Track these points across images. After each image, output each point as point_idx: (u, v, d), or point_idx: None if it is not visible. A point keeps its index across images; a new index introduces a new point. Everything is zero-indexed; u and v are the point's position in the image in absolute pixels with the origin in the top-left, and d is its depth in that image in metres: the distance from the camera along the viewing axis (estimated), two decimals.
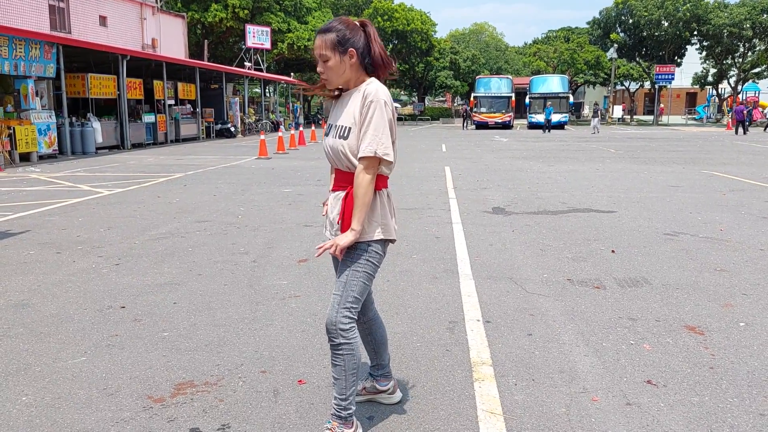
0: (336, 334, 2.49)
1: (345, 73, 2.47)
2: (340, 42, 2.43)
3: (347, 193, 2.50)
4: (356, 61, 2.46)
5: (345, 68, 2.46)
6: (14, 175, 13.32)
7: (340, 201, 2.54)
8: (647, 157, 17.73)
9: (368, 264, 2.54)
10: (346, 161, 2.48)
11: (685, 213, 8.20)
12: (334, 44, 2.43)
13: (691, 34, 52.69)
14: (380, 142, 2.39)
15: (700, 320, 4.08)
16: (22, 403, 2.96)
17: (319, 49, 2.45)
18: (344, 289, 2.51)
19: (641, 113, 70.76)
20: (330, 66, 2.45)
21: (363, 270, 2.53)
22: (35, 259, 5.79)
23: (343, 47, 2.43)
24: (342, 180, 2.55)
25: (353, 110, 2.47)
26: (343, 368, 2.51)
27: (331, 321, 2.50)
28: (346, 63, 2.45)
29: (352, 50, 2.44)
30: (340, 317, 2.49)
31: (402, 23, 53.31)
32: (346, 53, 2.44)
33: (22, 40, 16.28)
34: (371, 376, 2.94)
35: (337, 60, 2.44)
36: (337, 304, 2.51)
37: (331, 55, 2.43)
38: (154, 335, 3.83)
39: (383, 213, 2.55)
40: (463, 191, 10.44)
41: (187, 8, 39.97)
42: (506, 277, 5.10)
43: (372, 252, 2.54)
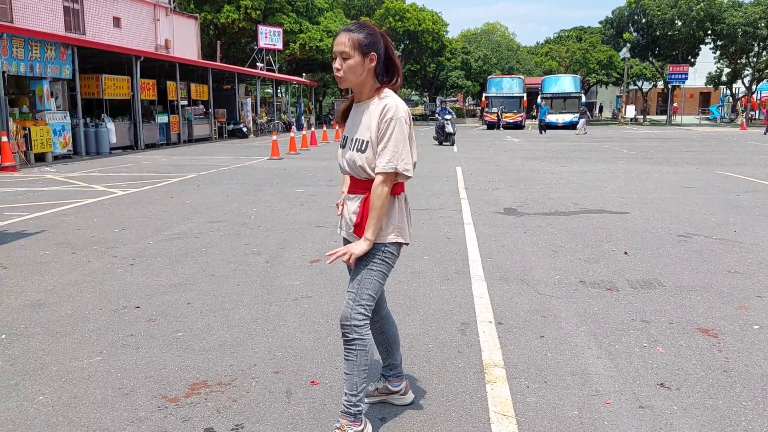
0: (350, 330, 2.55)
1: (362, 75, 2.49)
2: (365, 44, 2.46)
3: (366, 197, 2.56)
4: (374, 67, 2.50)
5: (363, 71, 2.48)
6: (30, 176, 13.46)
7: (358, 201, 2.60)
8: (660, 158, 17.62)
9: (383, 264, 2.60)
10: (364, 174, 2.55)
11: (698, 214, 8.14)
12: (360, 44, 2.45)
13: (704, 33, 52.27)
14: (400, 158, 2.46)
15: (714, 323, 4.06)
16: (39, 402, 3.01)
17: (342, 46, 2.45)
18: (359, 286, 2.57)
19: (654, 113, 70.27)
20: (351, 65, 2.46)
21: (378, 269, 2.58)
22: (51, 259, 5.86)
23: (367, 50, 2.46)
24: (359, 186, 2.61)
25: (369, 123, 2.51)
26: (355, 363, 2.56)
27: (345, 317, 2.56)
28: (366, 66, 2.48)
29: (374, 54, 2.48)
30: (354, 313, 2.55)
31: (413, 23, 53.28)
32: (368, 56, 2.47)
33: (38, 42, 16.46)
34: (383, 377, 2.97)
35: (359, 61, 2.46)
36: (351, 300, 2.57)
37: (353, 54, 2.45)
38: (168, 335, 3.87)
39: (400, 217, 2.61)
40: (475, 192, 10.43)
41: (200, 9, 40.19)
42: (518, 279, 5.10)
43: (387, 252, 2.60)
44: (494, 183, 11.69)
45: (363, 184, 2.58)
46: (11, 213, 8.43)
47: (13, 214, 8.37)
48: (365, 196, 2.56)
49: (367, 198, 2.54)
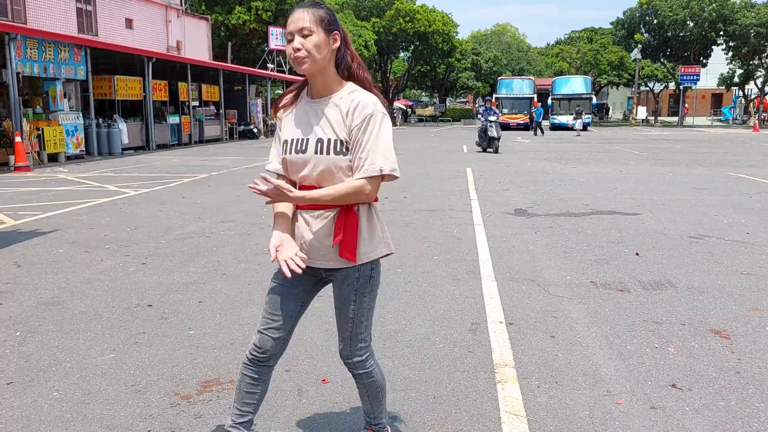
0: (354, 367, 2.34)
1: (325, 57, 2.10)
2: (328, 20, 2.10)
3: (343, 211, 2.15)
4: (337, 49, 2.14)
5: (327, 52, 2.10)
6: (43, 175, 13.58)
7: (329, 218, 2.17)
8: (672, 159, 17.52)
9: (374, 288, 2.29)
10: (343, 177, 2.14)
11: (710, 216, 8.10)
12: (323, 20, 2.09)
13: (716, 34, 51.91)
14: (387, 158, 2.11)
15: (726, 324, 4.04)
16: (53, 398, 3.04)
17: (300, 22, 2.07)
18: (352, 325, 2.28)
19: (666, 114, 69.88)
20: (315, 42, 2.06)
21: (368, 298, 2.27)
22: (64, 257, 5.92)
23: (330, 27, 2.10)
24: None
25: (340, 119, 2.13)
26: (368, 393, 2.41)
27: (346, 356, 2.33)
28: (329, 46, 2.10)
29: (337, 33, 2.12)
30: (354, 351, 2.31)
31: (423, 24, 53.29)
32: (331, 34, 2.10)
33: (52, 43, 16.60)
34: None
35: (322, 38, 2.08)
36: (349, 339, 2.29)
37: (316, 31, 2.07)
38: (180, 333, 3.90)
39: (382, 228, 2.26)
40: (485, 192, 10.41)
41: (212, 11, 40.37)
42: (529, 279, 5.09)
43: (376, 271, 2.28)
44: (504, 184, 11.67)
45: None
46: (25, 212, 8.51)
47: (27, 213, 8.45)
48: (340, 210, 2.15)
49: (348, 213, 2.15)
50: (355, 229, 2.16)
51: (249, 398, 2.34)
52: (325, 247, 2.18)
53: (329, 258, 2.19)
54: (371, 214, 2.22)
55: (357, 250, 2.18)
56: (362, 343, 2.31)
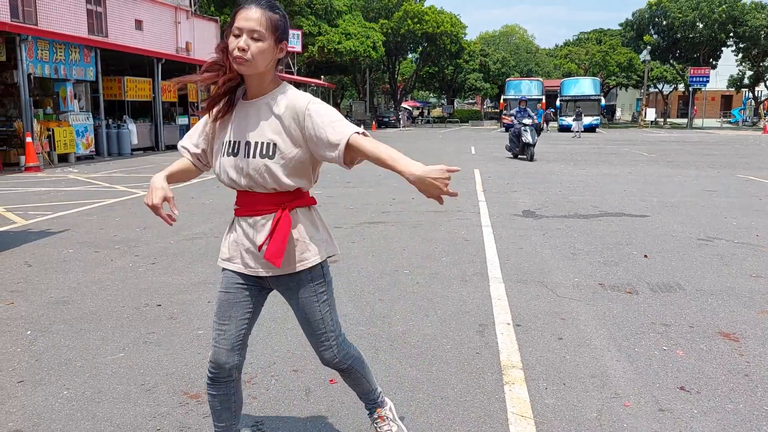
0: (340, 364, 2.33)
1: (269, 64, 2.06)
2: (281, 29, 2.04)
3: (279, 216, 2.11)
4: (281, 58, 2.10)
5: (271, 59, 2.05)
6: (53, 176, 13.68)
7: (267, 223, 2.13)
8: (681, 161, 17.44)
9: (329, 286, 2.27)
10: (272, 182, 2.09)
11: (719, 218, 8.06)
12: (276, 27, 2.02)
13: (726, 35, 51.65)
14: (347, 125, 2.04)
15: (735, 327, 4.02)
16: (63, 397, 3.06)
17: (254, 23, 1.98)
18: (324, 325, 2.25)
19: (675, 116, 69.57)
20: (263, 48, 1.99)
21: (328, 295, 2.26)
22: (74, 257, 5.96)
23: (281, 36, 2.05)
24: (266, 202, 2.13)
25: (277, 123, 2.08)
26: (363, 377, 2.44)
27: (330, 359, 2.30)
28: (275, 54, 2.05)
29: (285, 43, 2.07)
30: (335, 352, 2.29)
31: (432, 26, 53.29)
32: (280, 43, 2.05)
33: (62, 44, 16.73)
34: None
35: (270, 46, 2.01)
36: (326, 340, 2.27)
37: (267, 36, 2.00)
38: (189, 333, 3.92)
39: (324, 228, 2.26)
40: (493, 194, 10.41)
41: (221, 12, 40.53)
42: (537, 281, 5.09)
43: (327, 271, 2.27)
44: (512, 185, 11.65)
45: (271, 199, 2.13)
46: (36, 212, 8.58)
47: (38, 213, 8.51)
48: (277, 214, 2.11)
49: (281, 217, 2.11)
50: (285, 233, 2.10)
51: (226, 413, 2.29)
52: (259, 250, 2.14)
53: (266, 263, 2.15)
54: (311, 217, 2.21)
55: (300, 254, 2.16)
56: (335, 340, 2.29)
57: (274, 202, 2.12)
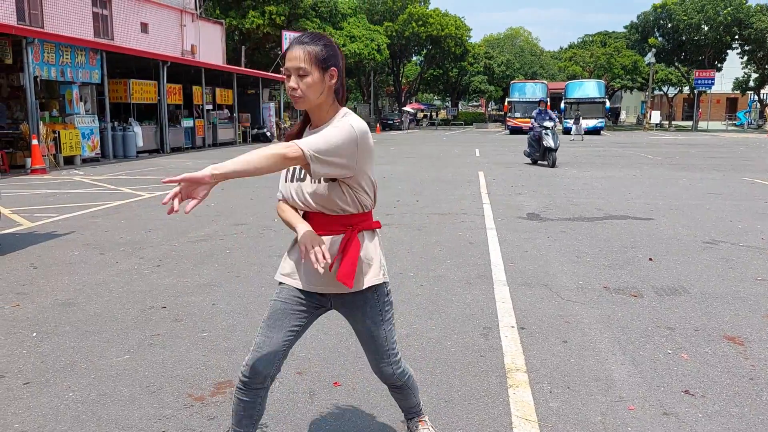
0: (397, 380, 2.43)
1: (322, 94, 2.13)
2: (323, 58, 2.11)
3: (348, 237, 2.18)
4: (335, 83, 2.16)
5: (323, 89, 2.12)
6: (59, 178, 13.74)
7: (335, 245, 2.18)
8: (686, 164, 17.40)
9: (391, 306, 2.36)
10: (337, 208, 2.17)
11: (725, 221, 8.04)
12: (318, 59, 2.10)
13: (732, 38, 51.53)
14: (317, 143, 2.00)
15: (740, 330, 4.01)
16: (69, 398, 3.08)
17: (297, 61, 2.08)
18: (387, 343, 2.34)
19: (680, 119, 69.42)
20: (309, 83, 2.09)
21: (391, 314, 2.35)
22: (80, 259, 5.98)
23: (326, 64, 2.11)
24: (328, 224, 2.19)
25: None
26: (410, 390, 2.52)
27: (389, 375, 2.39)
28: (325, 83, 2.12)
29: (334, 69, 2.13)
30: (394, 368, 2.39)
31: (436, 28, 53.33)
32: (327, 71, 2.12)
33: (68, 47, 16.80)
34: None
35: (317, 78, 2.10)
36: (387, 357, 2.36)
37: (311, 71, 2.09)
38: (194, 335, 3.93)
39: (382, 254, 2.32)
40: (498, 196, 10.40)
41: (226, 15, 40.66)
42: (541, 284, 5.09)
43: (389, 291, 2.34)
44: (517, 188, 11.65)
45: (340, 221, 2.19)
46: (41, 214, 8.61)
47: (44, 215, 8.55)
48: (345, 235, 2.18)
49: (351, 238, 2.17)
50: (356, 254, 2.16)
51: (246, 420, 2.31)
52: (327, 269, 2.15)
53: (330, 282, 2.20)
54: (374, 239, 2.28)
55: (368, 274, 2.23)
56: (396, 358, 2.39)
57: (343, 223, 2.19)
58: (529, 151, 17.13)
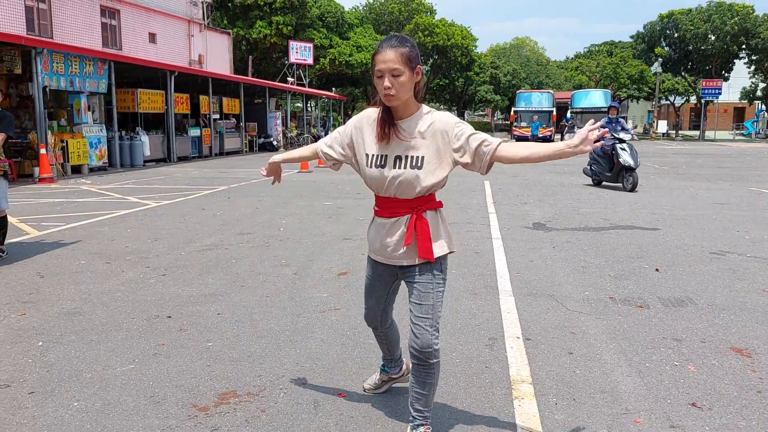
0: (432, 355, 2.55)
1: (410, 90, 2.46)
2: (413, 58, 2.41)
3: (413, 217, 2.54)
4: (418, 81, 2.47)
5: (411, 85, 2.45)
6: (66, 187, 13.81)
7: (403, 225, 2.57)
8: (693, 174, 17.34)
9: (444, 278, 2.63)
10: (414, 192, 2.51)
11: (732, 231, 7.99)
12: (409, 59, 2.40)
13: (739, 47, 51.46)
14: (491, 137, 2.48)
15: (748, 342, 3.98)
16: (74, 408, 3.08)
17: (392, 63, 2.37)
18: (433, 311, 2.55)
19: (687, 128, 69.23)
20: (402, 82, 2.40)
21: (443, 286, 2.61)
22: (86, 268, 6.00)
23: (414, 64, 2.42)
24: (403, 206, 2.56)
25: (423, 140, 2.48)
26: (433, 384, 2.63)
27: (427, 344, 2.53)
28: (413, 80, 2.44)
29: (419, 67, 2.46)
30: (434, 339, 2.54)
31: (442, 38, 53.47)
32: (414, 69, 2.43)
33: (77, 57, 16.93)
34: (383, 369, 3.20)
35: (409, 76, 2.41)
36: (430, 327, 2.54)
37: (404, 70, 2.39)
38: (198, 345, 3.93)
39: (446, 228, 2.66)
40: (503, 206, 10.39)
41: (233, 25, 40.95)
42: (547, 294, 5.07)
43: (446, 264, 2.64)
44: (523, 197, 11.63)
45: (409, 204, 2.54)
46: (49, 223, 8.66)
47: (51, 224, 8.59)
48: (411, 216, 2.54)
49: (415, 217, 2.53)
50: (428, 232, 2.54)
51: (383, 346, 3.08)
52: (401, 248, 2.57)
53: (406, 257, 2.59)
54: (437, 217, 2.60)
55: (431, 248, 2.54)
56: (438, 332, 2.59)
57: (410, 206, 2.55)
58: (594, 169, 13.86)
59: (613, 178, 13.22)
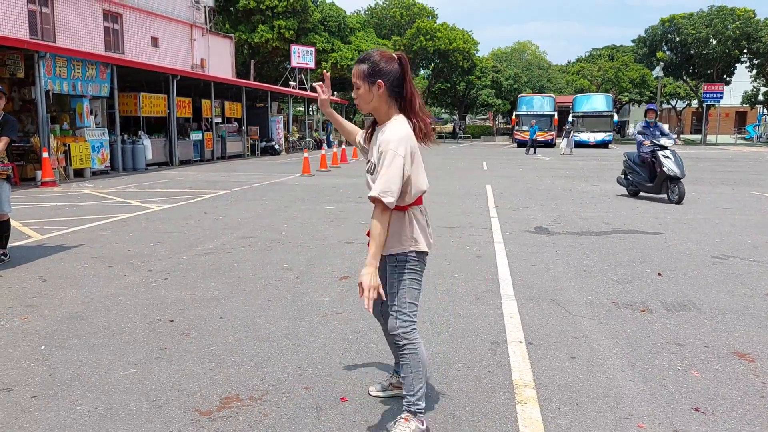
0: (399, 338, 2.77)
1: (372, 102, 2.71)
2: (369, 73, 2.66)
3: None
4: (384, 92, 2.68)
5: (372, 97, 2.70)
6: (69, 191, 13.83)
7: None
8: (695, 178, 17.32)
9: (410, 271, 2.80)
10: None
11: (734, 236, 7.98)
12: (365, 75, 2.67)
13: (740, 52, 51.47)
14: (387, 187, 2.57)
15: (751, 347, 3.97)
16: (76, 412, 3.08)
17: (353, 77, 2.71)
18: (397, 298, 2.78)
19: (688, 132, 69.21)
20: (360, 94, 2.71)
21: (408, 277, 2.79)
22: (88, 272, 6.01)
23: (372, 78, 2.66)
24: None
25: (376, 149, 2.71)
26: (410, 366, 2.77)
27: (392, 327, 2.78)
28: (373, 93, 2.68)
29: (380, 82, 2.66)
30: (399, 323, 2.77)
31: (444, 42, 53.55)
32: (374, 84, 2.67)
33: (80, 61, 16.98)
34: (396, 372, 3.23)
35: (365, 89, 2.69)
36: (394, 311, 2.79)
37: (361, 84, 2.69)
38: (201, 349, 3.93)
39: (412, 229, 2.79)
40: (505, 210, 10.38)
41: (235, 29, 41.06)
42: (549, 299, 5.06)
43: (411, 260, 2.80)
44: (524, 201, 11.63)
45: None
46: (51, 227, 8.67)
47: (53, 228, 8.60)
48: None
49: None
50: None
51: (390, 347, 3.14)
52: None
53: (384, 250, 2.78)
54: (402, 219, 2.77)
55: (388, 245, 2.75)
56: (406, 316, 2.77)
57: None
58: (632, 178, 12.41)
59: (655, 189, 11.86)
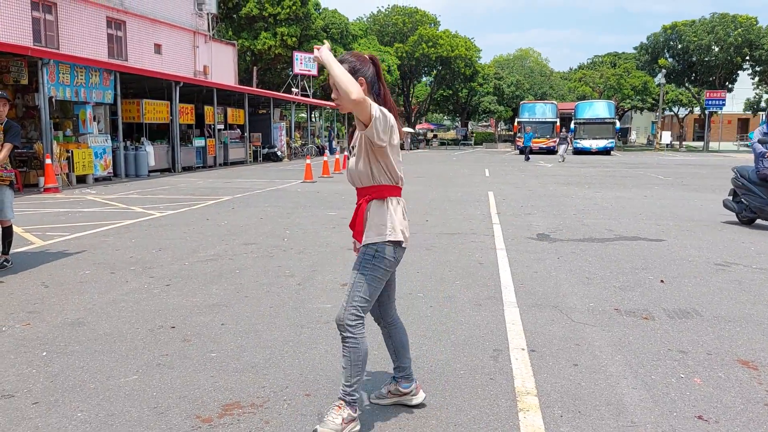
0: (344, 329, 2.83)
1: None
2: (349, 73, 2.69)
3: (360, 204, 2.89)
4: (366, 89, 2.76)
5: None
6: (71, 197, 13.86)
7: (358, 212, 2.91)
8: (697, 185, 17.31)
9: (375, 268, 2.83)
10: (357, 178, 2.89)
11: (737, 243, 7.97)
12: None
13: (742, 59, 51.54)
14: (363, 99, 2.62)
15: (754, 354, 3.96)
16: (77, 419, 3.07)
17: (329, 80, 2.74)
18: (351, 290, 2.84)
19: (691, 139, 69.20)
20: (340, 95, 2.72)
21: (369, 273, 2.83)
22: (90, 278, 6.01)
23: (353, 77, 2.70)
24: (360, 195, 2.93)
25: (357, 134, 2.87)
26: (349, 359, 2.83)
27: (339, 317, 2.85)
28: None
29: (361, 79, 2.76)
30: (346, 314, 2.82)
31: (446, 49, 53.70)
32: None
33: (83, 68, 17.04)
34: (394, 379, 3.19)
35: None
36: (345, 302, 2.84)
37: None
38: (202, 356, 3.93)
39: (391, 219, 2.84)
40: (507, 216, 10.38)
41: (238, 36, 41.20)
42: (551, 306, 5.05)
43: (380, 256, 2.83)
44: (527, 208, 11.62)
45: (362, 192, 2.91)
46: (53, 233, 8.68)
47: (55, 234, 8.61)
48: (360, 203, 2.89)
49: (361, 205, 2.87)
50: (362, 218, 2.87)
51: (389, 349, 3.18)
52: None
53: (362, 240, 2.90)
54: (382, 207, 2.84)
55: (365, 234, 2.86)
56: (354, 310, 2.81)
57: (363, 194, 2.90)
58: (747, 201, 9.39)
59: None
